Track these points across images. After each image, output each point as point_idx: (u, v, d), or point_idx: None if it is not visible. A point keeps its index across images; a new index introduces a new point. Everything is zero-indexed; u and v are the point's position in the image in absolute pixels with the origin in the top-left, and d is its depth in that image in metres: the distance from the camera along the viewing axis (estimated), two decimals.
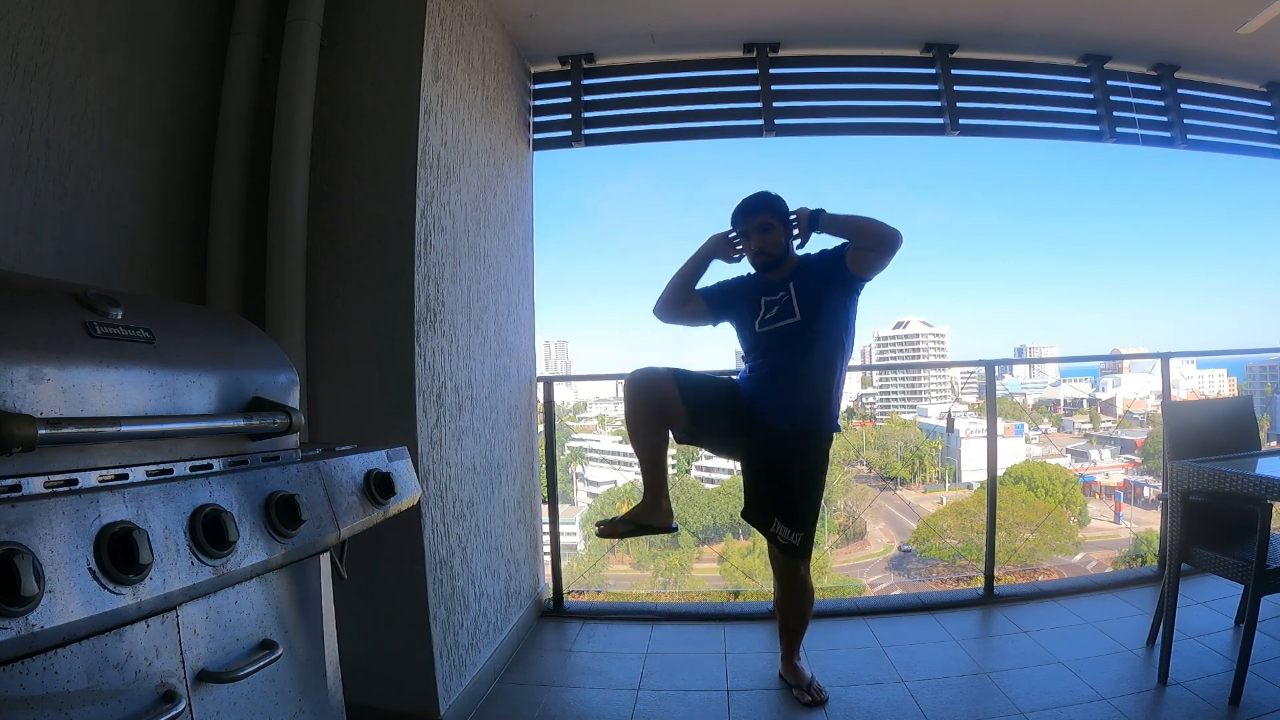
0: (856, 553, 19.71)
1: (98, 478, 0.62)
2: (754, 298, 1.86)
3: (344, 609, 1.02)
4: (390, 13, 1.72)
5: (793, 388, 1.77)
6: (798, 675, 1.86)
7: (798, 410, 1.77)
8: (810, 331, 1.77)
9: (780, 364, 1.79)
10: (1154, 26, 2.57)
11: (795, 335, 1.78)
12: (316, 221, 1.66)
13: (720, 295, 1.94)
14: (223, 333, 0.92)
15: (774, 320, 1.81)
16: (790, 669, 1.88)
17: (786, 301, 1.81)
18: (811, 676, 1.85)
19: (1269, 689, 1.65)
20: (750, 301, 1.87)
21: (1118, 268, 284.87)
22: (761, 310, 1.84)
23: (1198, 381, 24.10)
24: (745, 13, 2.48)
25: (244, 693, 0.75)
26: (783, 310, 1.81)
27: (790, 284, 1.82)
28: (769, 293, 1.84)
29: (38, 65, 1.18)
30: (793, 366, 1.77)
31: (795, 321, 1.78)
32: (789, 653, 1.90)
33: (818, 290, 1.79)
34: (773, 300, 1.83)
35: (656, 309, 1.97)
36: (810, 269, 1.84)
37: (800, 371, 1.77)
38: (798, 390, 1.77)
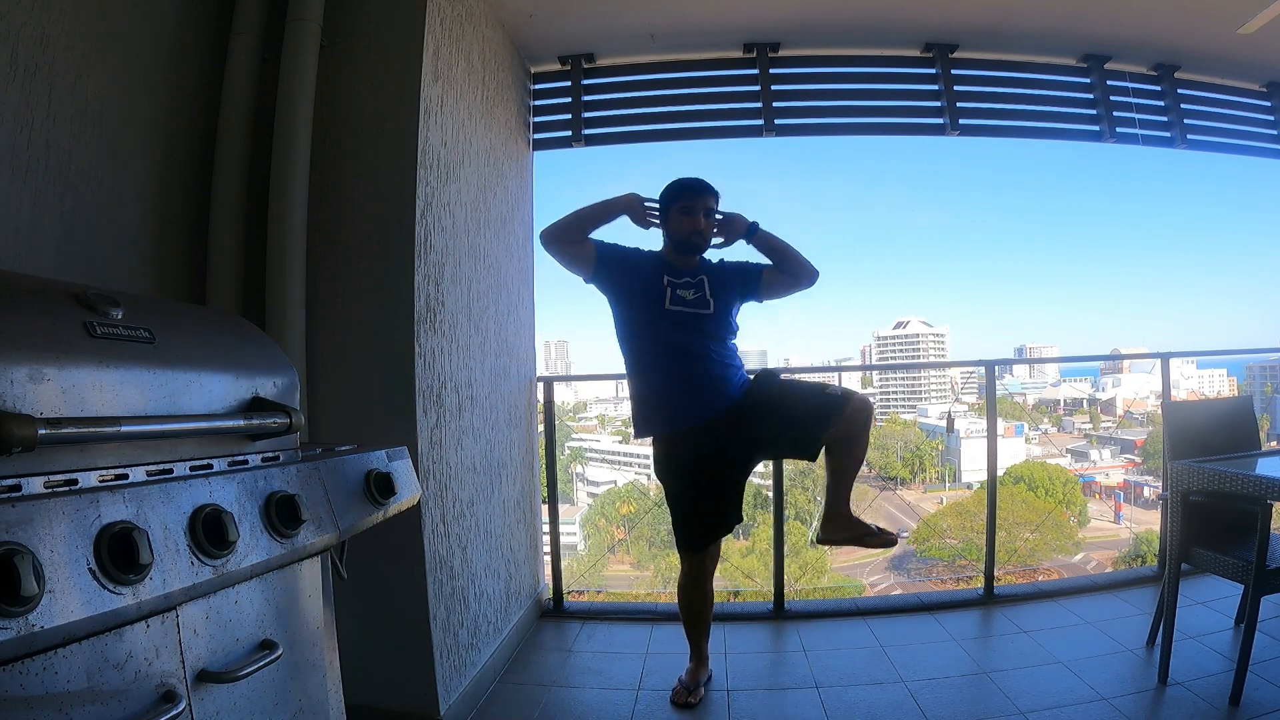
0: (857, 553, 19.70)
1: (98, 478, 0.62)
2: (656, 276, 1.81)
3: (344, 609, 1.02)
4: (390, 13, 1.72)
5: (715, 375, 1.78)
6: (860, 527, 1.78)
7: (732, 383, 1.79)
8: (722, 327, 1.81)
9: (696, 354, 1.77)
10: (1154, 26, 2.57)
11: (708, 325, 1.79)
12: (316, 221, 1.66)
13: (616, 255, 1.83)
14: (223, 333, 0.92)
15: (687, 304, 1.79)
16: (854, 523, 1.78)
17: (701, 292, 1.81)
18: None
19: (1269, 689, 1.65)
20: (652, 277, 1.81)
21: (1118, 268, 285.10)
22: (669, 290, 1.79)
23: (1198, 381, 24.11)
24: (745, 13, 2.48)
25: (244, 693, 0.75)
26: (697, 299, 1.80)
27: (702, 276, 1.83)
28: (675, 275, 1.82)
29: (38, 65, 1.18)
30: (709, 355, 1.78)
31: (708, 314, 1.79)
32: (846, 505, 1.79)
33: (727, 294, 1.84)
34: (680, 284, 1.80)
35: (543, 234, 1.81)
36: (721, 273, 1.87)
37: (717, 358, 1.79)
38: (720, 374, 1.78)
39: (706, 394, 1.77)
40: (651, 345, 1.80)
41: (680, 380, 1.77)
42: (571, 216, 1.81)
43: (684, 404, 1.76)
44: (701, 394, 1.76)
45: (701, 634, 1.92)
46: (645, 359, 1.82)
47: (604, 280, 1.84)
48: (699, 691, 1.84)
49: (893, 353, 43.46)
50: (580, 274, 1.84)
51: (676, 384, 1.77)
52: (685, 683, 1.85)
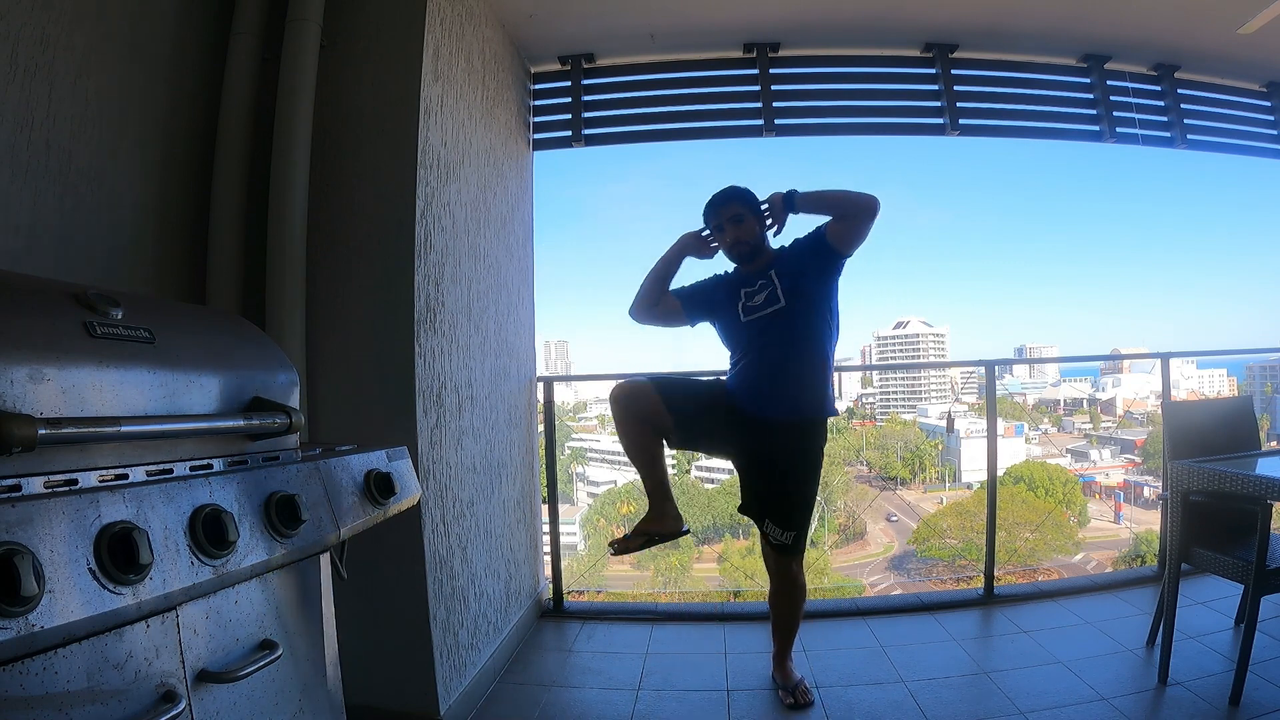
0: (856, 553, 19.71)
1: (98, 478, 0.62)
2: (733, 292, 1.84)
3: (344, 609, 1.02)
4: (390, 13, 1.73)
5: (785, 376, 1.75)
6: (786, 675, 1.85)
7: (793, 399, 1.76)
8: (796, 317, 1.76)
9: (769, 352, 1.76)
10: (1154, 26, 2.57)
11: (782, 322, 1.76)
12: (316, 221, 1.66)
13: (696, 294, 1.90)
14: (223, 333, 0.92)
15: (759, 308, 1.78)
16: (780, 668, 1.88)
17: (770, 290, 1.79)
18: (800, 679, 1.84)
19: (1269, 689, 1.65)
20: (730, 296, 1.84)
21: (1118, 268, 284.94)
22: (743, 300, 1.81)
23: (1198, 381, 24.11)
24: (745, 13, 2.48)
25: (244, 693, 0.75)
26: (768, 298, 1.78)
27: (771, 272, 1.81)
28: (749, 284, 1.82)
29: (38, 65, 1.18)
30: (782, 354, 1.75)
31: (780, 308, 1.76)
32: (780, 652, 1.90)
33: (799, 277, 1.78)
34: (753, 291, 1.81)
35: (631, 311, 1.93)
36: (788, 258, 1.84)
37: (791, 358, 1.75)
38: (790, 378, 1.75)
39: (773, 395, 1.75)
40: (735, 355, 1.85)
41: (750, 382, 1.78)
42: (645, 285, 1.91)
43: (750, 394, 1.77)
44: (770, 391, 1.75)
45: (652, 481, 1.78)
46: (731, 368, 1.86)
47: (701, 320, 1.92)
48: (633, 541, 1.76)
49: (893, 353, 43.46)
50: (682, 325, 1.94)
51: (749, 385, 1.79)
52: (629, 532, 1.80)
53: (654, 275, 1.90)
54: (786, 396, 1.75)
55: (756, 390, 1.77)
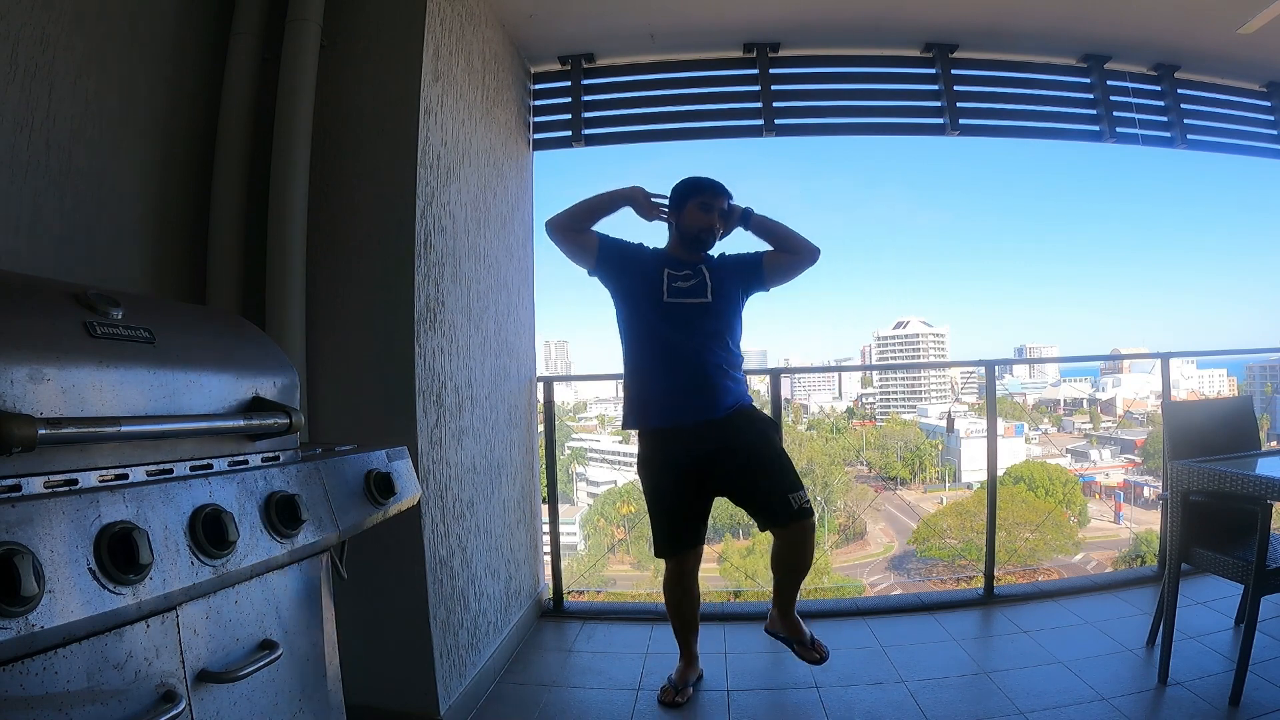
0: (856, 553, 19.71)
1: (98, 478, 0.62)
2: (657, 268, 1.82)
3: (344, 609, 1.02)
4: (390, 13, 1.72)
5: (712, 370, 1.76)
6: (799, 630, 1.84)
7: (725, 391, 1.77)
8: (720, 317, 1.80)
9: (694, 346, 1.76)
10: (1154, 26, 2.57)
11: (705, 316, 1.78)
12: (316, 221, 1.66)
13: (618, 248, 1.86)
14: (223, 333, 0.92)
15: (684, 294, 1.79)
16: (791, 623, 1.86)
17: (699, 281, 1.80)
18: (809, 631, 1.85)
19: (1269, 689, 1.65)
20: (652, 271, 1.82)
21: (1118, 268, 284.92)
22: (667, 282, 1.80)
23: (1198, 381, 24.10)
24: (745, 13, 2.48)
25: (244, 693, 0.75)
26: (695, 288, 1.79)
27: (702, 267, 1.83)
28: (675, 268, 1.82)
29: (38, 65, 1.18)
30: (708, 348, 1.77)
31: (706, 303, 1.79)
32: (789, 606, 1.86)
33: (727, 284, 1.83)
34: (679, 275, 1.81)
35: (549, 222, 1.83)
36: (721, 264, 1.88)
37: (717, 352, 1.78)
38: (718, 371, 1.77)
39: (701, 393, 1.75)
40: (649, 337, 1.81)
41: (675, 374, 1.77)
42: (577, 206, 1.84)
43: (676, 399, 1.76)
44: (696, 392, 1.75)
45: (688, 633, 1.91)
46: (642, 350, 1.83)
47: (606, 272, 1.85)
48: (687, 691, 1.83)
49: (893, 353, 43.48)
50: (584, 265, 1.86)
51: (671, 377, 1.77)
52: (674, 681, 1.85)
53: (589, 204, 1.84)
54: (716, 388, 1.76)
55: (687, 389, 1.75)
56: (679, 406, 1.76)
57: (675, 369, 1.77)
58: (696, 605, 1.92)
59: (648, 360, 1.82)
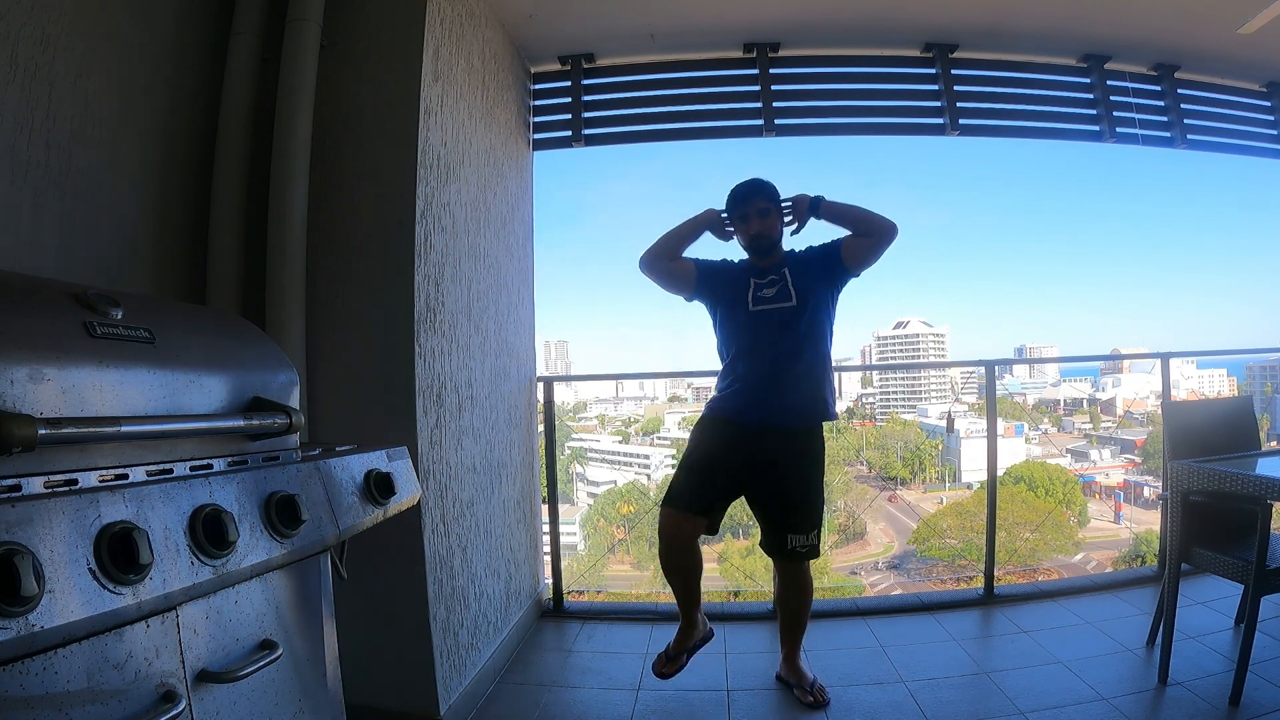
0: (856, 553, 19.70)
1: (98, 478, 0.62)
2: (742, 280, 1.83)
3: (344, 609, 1.02)
4: (390, 13, 1.72)
5: (796, 374, 1.76)
6: (801, 675, 1.85)
7: (803, 399, 1.77)
8: (806, 318, 1.78)
9: (779, 349, 1.76)
10: (1154, 26, 2.57)
11: (791, 320, 1.77)
12: (316, 221, 1.66)
13: (710, 268, 1.89)
14: (223, 333, 0.92)
15: (769, 301, 1.79)
16: (794, 668, 1.87)
17: (781, 285, 1.80)
18: (814, 676, 1.85)
19: (1269, 689, 1.65)
20: (738, 284, 1.83)
21: (1118, 268, 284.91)
22: (752, 290, 1.81)
23: (1198, 381, 24.08)
24: (745, 13, 2.48)
25: (244, 693, 0.75)
26: (779, 293, 1.79)
27: (784, 270, 1.82)
28: (759, 276, 1.83)
29: (38, 65, 1.18)
30: (793, 351, 1.76)
31: (791, 306, 1.78)
32: (792, 652, 1.89)
33: (810, 281, 1.81)
34: (763, 283, 1.81)
35: (645, 258, 1.89)
36: (801, 261, 1.85)
37: (801, 356, 1.77)
38: (801, 377, 1.76)
39: (777, 393, 1.75)
40: (734, 348, 1.83)
41: (754, 379, 1.77)
42: (666, 239, 1.89)
43: (751, 399, 1.76)
44: (772, 392, 1.75)
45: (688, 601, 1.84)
46: (729, 361, 1.84)
47: (704, 296, 1.89)
48: (681, 659, 1.81)
49: (893, 353, 43.45)
50: (682, 293, 1.90)
51: (749, 383, 1.77)
52: (668, 650, 1.83)
53: (676, 234, 1.90)
54: (797, 397, 1.76)
55: (763, 398, 1.76)
56: (751, 408, 1.77)
57: (757, 374, 1.77)
58: (698, 571, 1.84)
59: (735, 366, 1.82)
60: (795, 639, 1.89)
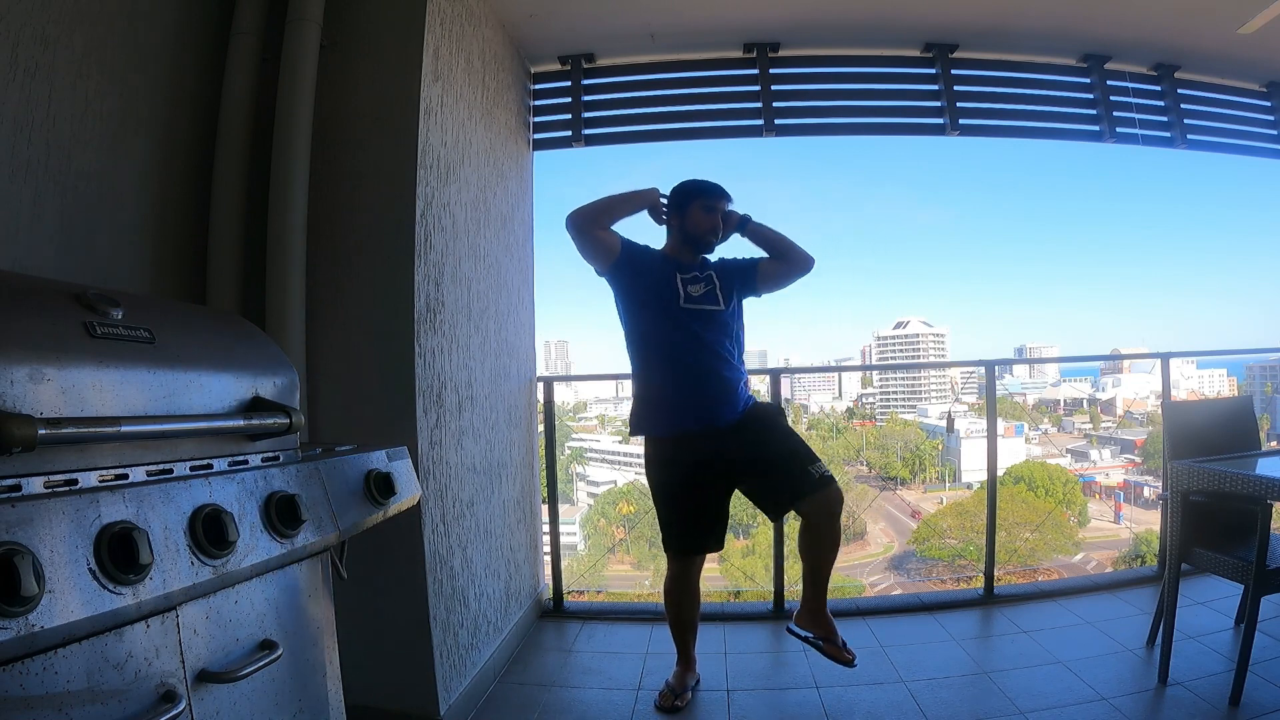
0: (856, 553, 19.70)
1: (98, 478, 0.62)
2: (666, 273, 1.80)
3: (344, 609, 1.02)
4: (390, 13, 1.72)
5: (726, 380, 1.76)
6: (831, 627, 1.71)
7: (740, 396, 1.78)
8: (733, 323, 1.83)
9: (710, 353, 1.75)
10: (1154, 26, 2.57)
11: (721, 323, 1.79)
12: (316, 221, 1.66)
13: (635, 250, 1.81)
14: (223, 333, 0.92)
15: (700, 301, 1.79)
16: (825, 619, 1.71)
17: (711, 288, 1.81)
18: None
19: (1269, 689, 1.65)
20: (664, 274, 1.79)
21: (1118, 268, 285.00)
22: (682, 288, 1.78)
23: (1198, 381, 24.07)
24: (745, 13, 2.48)
25: (244, 693, 0.75)
26: (708, 294, 1.80)
27: (710, 273, 1.83)
28: (684, 271, 1.81)
29: (38, 65, 1.18)
30: (726, 357, 1.78)
31: (720, 310, 1.80)
32: (822, 598, 1.72)
33: (733, 289, 1.84)
34: (689, 280, 1.80)
35: (573, 216, 1.76)
36: (725, 269, 1.88)
37: (732, 362, 1.79)
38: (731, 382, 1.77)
39: (713, 398, 1.74)
40: (663, 345, 1.77)
41: (689, 381, 1.75)
42: (601, 203, 1.80)
43: (688, 406, 1.74)
44: (707, 398, 1.74)
45: (687, 637, 1.89)
46: (655, 358, 1.79)
47: (621, 275, 1.80)
48: (685, 696, 1.82)
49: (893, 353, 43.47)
50: (597, 264, 1.81)
51: (684, 385, 1.75)
52: (672, 686, 1.83)
53: (614, 202, 1.81)
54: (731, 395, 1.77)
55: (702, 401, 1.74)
56: (691, 413, 1.74)
57: (689, 375, 1.75)
58: (697, 607, 1.91)
59: (660, 366, 1.78)
60: (824, 585, 1.72)
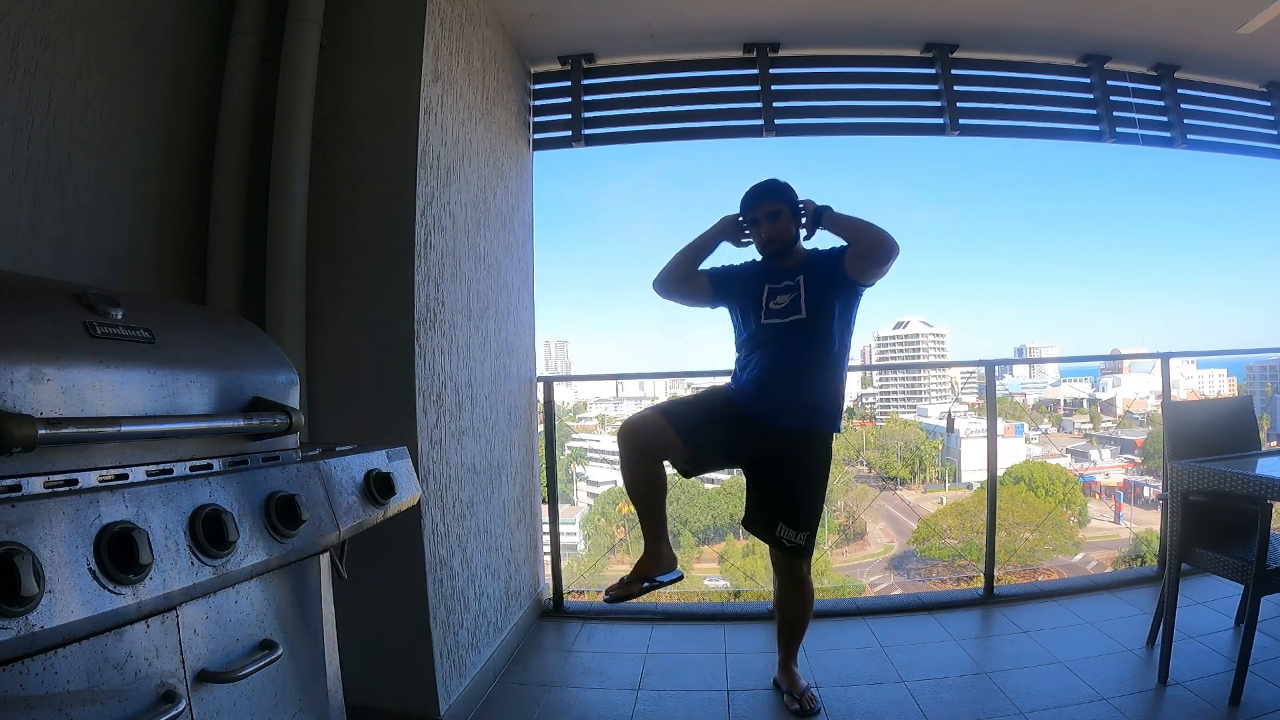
0: (856, 553, 19.70)
1: (98, 478, 0.62)
2: (758, 285, 1.80)
3: (344, 609, 1.02)
4: (390, 13, 1.72)
5: (797, 387, 1.72)
6: (793, 681, 1.82)
7: (805, 410, 1.73)
8: (816, 331, 1.73)
9: (785, 361, 1.73)
10: (1154, 26, 2.57)
11: (800, 333, 1.73)
12: (316, 221, 1.66)
13: (725, 278, 1.86)
14: (223, 333, 0.92)
15: (780, 314, 1.76)
16: (787, 674, 1.84)
17: (795, 297, 1.75)
18: (806, 685, 1.81)
19: (1269, 689, 1.65)
20: (754, 289, 1.80)
21: (1118, 268, 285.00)
22: (765, 300, 1.78)
23: (1198, 381, 24.07)
24: (745, 13, 2.48)
25: (244, 693, 0.75)
26: (790, 305, 1.75)
27: (799, 277, 1.77)
28: (774, 281, 1.79)
29: (38, 65, 1.18)
30: (795, 365, 1.72)
31: (801, 319, 1.73)
32: (787, 657, 1.86)
33: (825, 289, 1.74)
34: (778, 290, 1.77)
35: (657, 282, 1.87)
36: (818, 265, 1.79)
37: (804, 371, 1.73)
38: (802, 389, 1.72)
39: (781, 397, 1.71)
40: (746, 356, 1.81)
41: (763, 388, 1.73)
42: (677, 259, 1.86)
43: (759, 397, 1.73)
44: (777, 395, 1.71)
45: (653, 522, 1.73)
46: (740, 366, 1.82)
47: (723, 303, 1.88)
48: (636, 587, 1.67)
49: (893, 353, 43.47)
50: (703, 306, 1.89)
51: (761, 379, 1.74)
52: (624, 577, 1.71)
53: (689, 252, 1.86)
54: (796, 408, 1.72)
55: (769, 397, 1.73)
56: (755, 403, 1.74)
57: (763, 377, 1.74)
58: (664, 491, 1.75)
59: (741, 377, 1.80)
60: (790, 645, 1.86)
